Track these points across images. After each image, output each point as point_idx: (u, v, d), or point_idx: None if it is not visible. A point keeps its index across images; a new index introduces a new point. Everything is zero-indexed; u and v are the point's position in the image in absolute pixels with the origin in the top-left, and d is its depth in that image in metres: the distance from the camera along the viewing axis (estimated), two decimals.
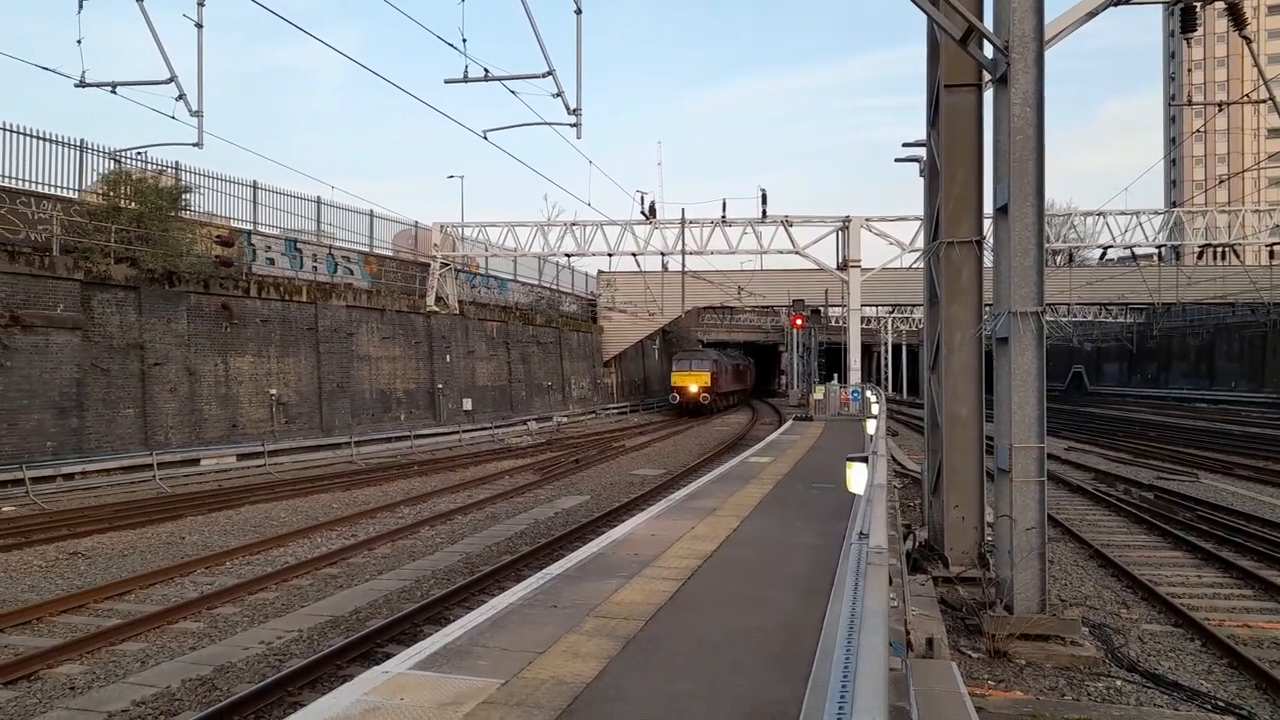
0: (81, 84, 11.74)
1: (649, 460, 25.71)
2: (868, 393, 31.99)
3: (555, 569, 7.92)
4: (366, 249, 33.63)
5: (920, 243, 30.69)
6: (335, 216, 32.17)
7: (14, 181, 20.76)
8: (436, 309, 34.69)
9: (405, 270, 35.51)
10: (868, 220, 33.73)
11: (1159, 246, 35.14)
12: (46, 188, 21.55)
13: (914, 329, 72.12)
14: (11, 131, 20.82)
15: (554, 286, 48.54)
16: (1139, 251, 38.74)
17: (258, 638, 8.71)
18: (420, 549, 13.12)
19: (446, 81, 12.34)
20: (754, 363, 68.81)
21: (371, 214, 34.05)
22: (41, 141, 21.59)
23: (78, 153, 22.64)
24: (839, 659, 1.87)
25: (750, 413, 51.70)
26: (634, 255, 35.54)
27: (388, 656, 7.71)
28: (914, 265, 34.63)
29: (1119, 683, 7.74)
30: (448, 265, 36.44)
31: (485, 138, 14.08)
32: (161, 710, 6.79)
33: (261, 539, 13.49)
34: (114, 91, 11.83)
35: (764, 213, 33.15)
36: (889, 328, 71.75)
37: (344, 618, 9.43)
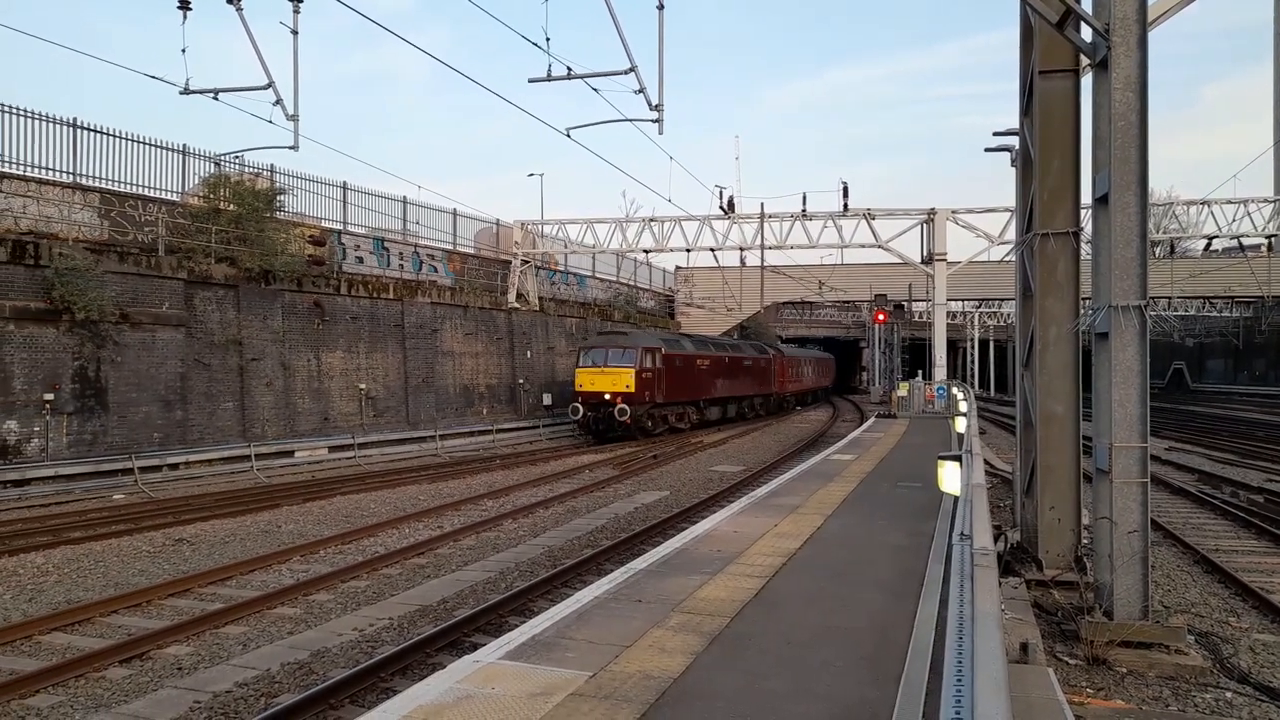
0: (186, 91, 12.25)
1: (727, 457, 25.58)
2: (954, 389, 31.20)
3: (638, 564, 7.96)
4: (450, 247, 34.34)
5: (1011, 235, 29.75)
6: (420, 215, 32.94)
7: (123, 185, 21.90)
8: (517, 305, 35.19)
9: (487, 267, 36.12)
10: (954, 212, 32.83)
11: (1269, 237, 33.22)
12: (152, 191, 22.66)
13: (1002, 324, 69.93)
14: (121, 138, 21.95)
15: (632, 283, 48.72)
16: (1246, 242, 36.67)
17: (351, 624, 8.98)
18: (504, 541, 13.33)
19: (530, 81, 12.50)
20: (834, 358, 67.13)
21: (455, 213, 34.74)
22: (148, 147, 22.71)
23: (180, 157, 23.74)
24: (951, 662, 1.81)
25: (831, 410, 50.95)
26: (712, 250, 35.36)
27: (475, 646, 7.87)
28: (1005, 259, 33.59)
29: (1229, 694, 7.35)
30: (528, 262, 36.91)
31: (568, 135, 14.20)
32: (262, 692, 7.06)
33: (353, 529, 13.91)
34: (216, 98, 12.31)
35: (845, 206, 32.60)
36: (976, 323, 69.74)
37: (432, 607, 9.64)
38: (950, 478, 7.12)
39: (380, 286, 27.98)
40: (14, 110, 19.76)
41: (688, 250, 35.55)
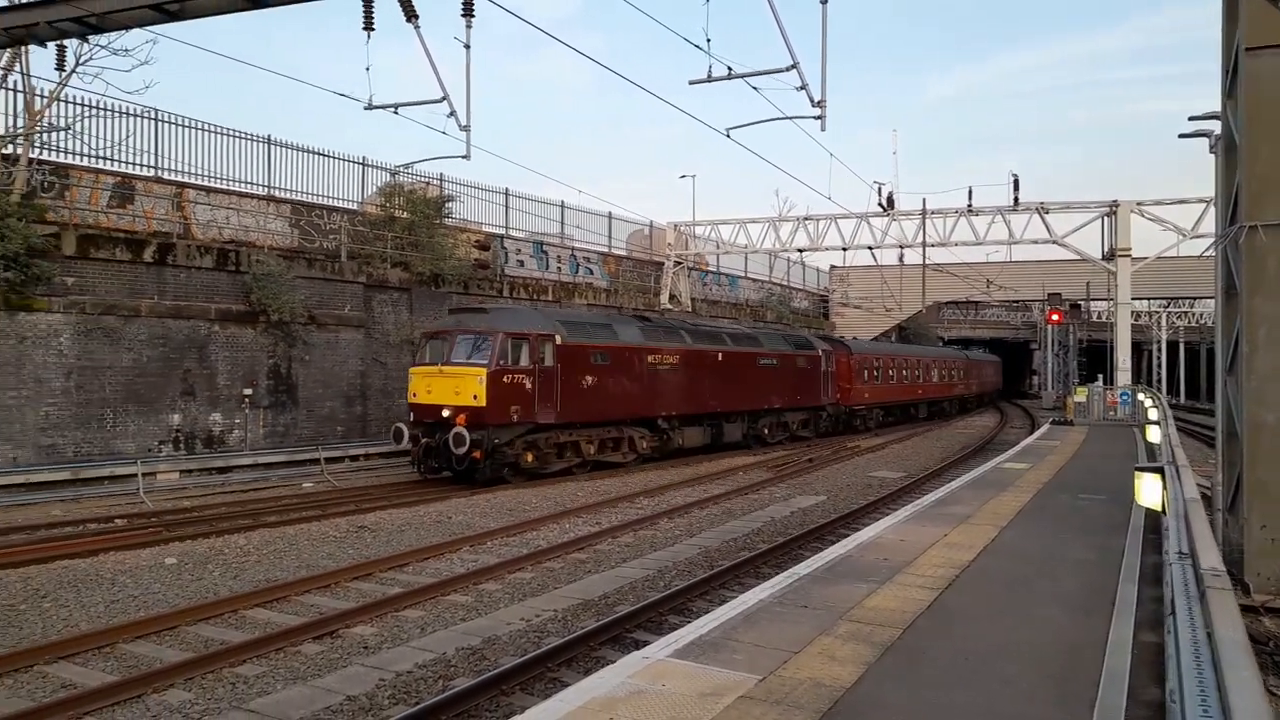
0: (369, 107, 12.97)
1: (886, 461, 24.80)
2: (1140, 396, 28.97)
3: (802, 569, 7.83)
4: (605, 249, 35.08)
5: (1206, 228, 27.31)
6: (577, 219, 33.87)
7: (310, 196, 23.68)
8: (670, 306, 35.51)
9: (641, 269, 36.66)
10: (1139, 204, 30.49)
11: None
12: (336, 201, 24.40)
13: (1194, 324, 64.33)
14: (308, 152, 23.76)
15: (785, 283, 48.14)
16: None
17: (518, 614, 9.29)
18: (660, 540, 13.44)
19: (691, 83, 12.54)
20: (999, 361, 63.53)
21: (610, 215, 35.48)
22: (332, 160, 24.49)
23: (360, 169, 25.45)
24: (1192, 694, 1.64)
25: (998, 416, 48.43)
26: (870, 249, 34.45)
27: (637, 642, 7.99)
28: (1205, 254, 30.87)
29: None
30: (680, 263, 37.17)
31: (728, 135, 14.19)
32: (439, 674, 7.42)
33: (516, 522, 14.41)
34: (395, 112, 12.99)
35: (1016, 200, 30.93)
36: (1163, 323, 64.48)
37: (593, 601, 9.84)
38: (1150, 491, 6.59)
39: (539, 289, 28.93)
40: (219, 130, 21.77)
41: (844, 249, 34.78)
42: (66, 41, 13.23)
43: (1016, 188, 30.71)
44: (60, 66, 14.09)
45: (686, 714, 4.52)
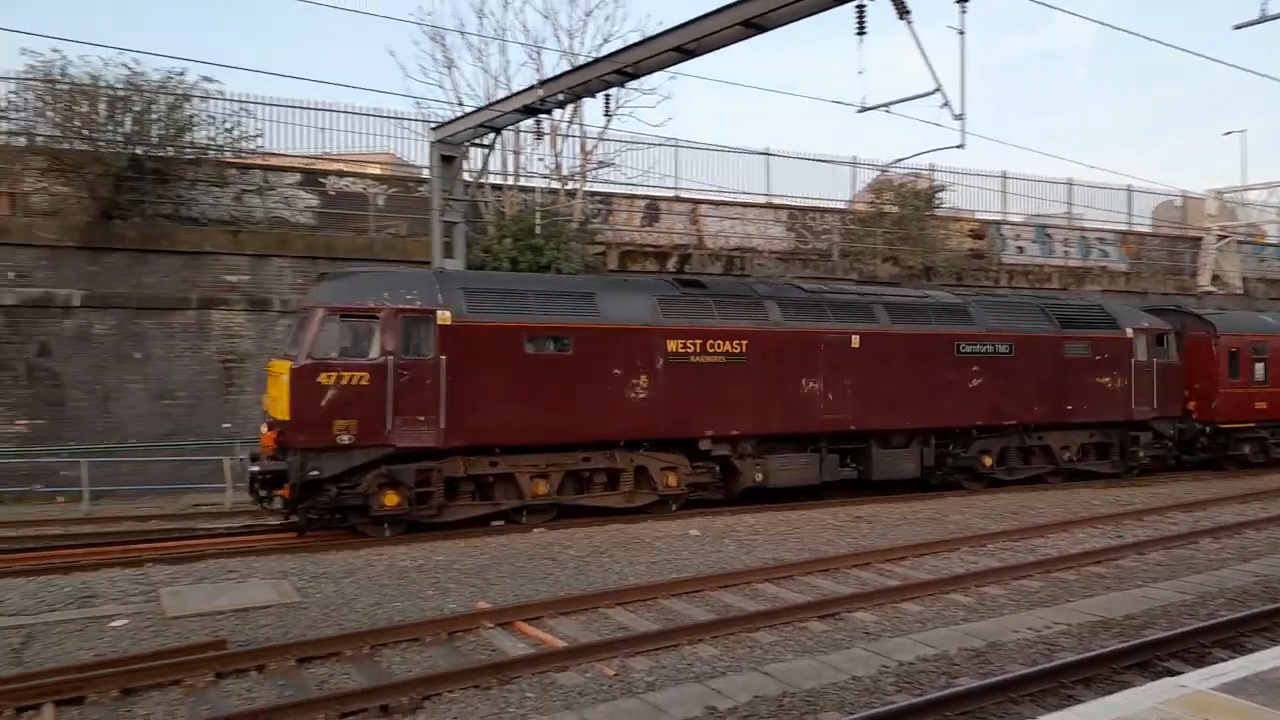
0: (862, 109, 13.31)
1: None
2: None
3: None
4: (1123, 227, 31.10)
5: None
6: (1086, 196, 30.54)
7: (803, 200, 24.95)
8: (1213, 289, 30.20)
9: (1170, 247, 31.78)
10: None
11: None
12: (826, 202, 25.36)
13: None
14: (801, 159, 25.11)
15: None
16: None
17: (1024, 623, 8.79)
18: (1200, 562, 11.61)
19: (1236, 27, 10.62)
20: None
21: (1129, 189, 31.32)
22: (823, 164, 25.53)
23: (851, 170, 26.11)
24: None
25: None
26: None
27: (1169, 671, 7.08)
28: None
29: None
30: (1226, 237, 31.37)
31: None
32: (941, 670, 7.36)
33: (1020, 527, 13.58)
34: (888, 111, 13.14)
35: None
36: None
37: (1115, 620, 8.89)
38: None
39: (1042, 275, 26.78)
40: (724, 149, 24.12)
41: None
42: (610, 91, 15.82)
43: None
44: (607, 112, 16.83)
45: None
